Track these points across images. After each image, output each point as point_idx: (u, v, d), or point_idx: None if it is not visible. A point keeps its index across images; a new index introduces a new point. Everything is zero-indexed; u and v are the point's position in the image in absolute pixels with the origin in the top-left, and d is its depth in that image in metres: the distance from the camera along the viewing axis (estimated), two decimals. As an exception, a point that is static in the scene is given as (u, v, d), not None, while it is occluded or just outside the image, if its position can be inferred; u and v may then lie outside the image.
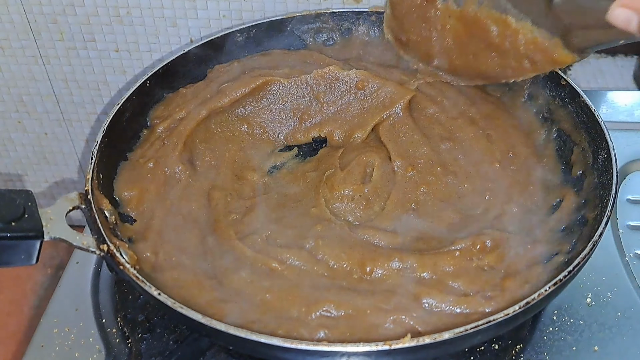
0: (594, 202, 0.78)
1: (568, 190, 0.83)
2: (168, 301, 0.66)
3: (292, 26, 1.04)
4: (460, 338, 0.62)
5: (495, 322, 0.63)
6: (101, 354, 0.80)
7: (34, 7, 1.11)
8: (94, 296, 0.87)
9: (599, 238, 0.70)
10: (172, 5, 1.09)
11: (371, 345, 0.61)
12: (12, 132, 1.30)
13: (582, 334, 0.80)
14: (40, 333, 0.83)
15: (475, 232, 0.79)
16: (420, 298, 0.71)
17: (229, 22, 1.11)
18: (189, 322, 0.65)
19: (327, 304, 0.70)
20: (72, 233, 0.72)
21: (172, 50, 1.15)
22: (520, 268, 0.74)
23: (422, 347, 0.61)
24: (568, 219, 0.80)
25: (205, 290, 0.73)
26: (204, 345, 0.79)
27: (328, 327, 0.68)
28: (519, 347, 0.79)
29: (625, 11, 0.64)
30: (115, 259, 0.71)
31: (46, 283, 1.34)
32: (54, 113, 1.26)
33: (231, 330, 0.62)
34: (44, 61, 1.18)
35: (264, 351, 0.65)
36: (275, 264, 0.76)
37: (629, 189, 0.99)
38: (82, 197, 0.76)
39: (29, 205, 0.70)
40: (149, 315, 0.83)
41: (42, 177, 1.38)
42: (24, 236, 0.69)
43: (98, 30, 1.13)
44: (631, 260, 0.88)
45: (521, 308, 0.64)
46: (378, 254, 0.76)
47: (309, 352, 0.62)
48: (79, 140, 1.31)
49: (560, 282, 0.66)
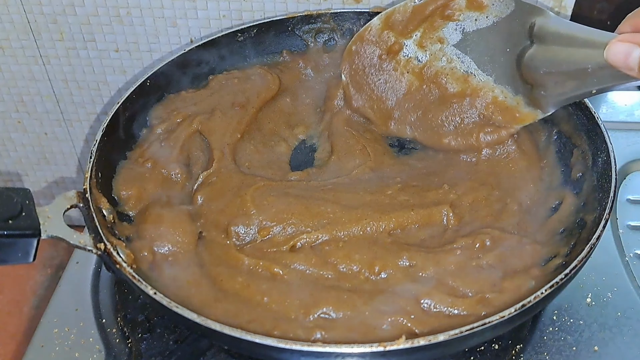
0: (593, 205, 0.77)
1: (567, 192, 0.83)
2: (163, 300, 0.65)
3: (292, 26, 1.04)
4: (456, 340, 0.61)
5: (491, 325, 0.62)
6: (101, 354, 0.80)
7: (34, 7, 1.11)
8: (94, 296, 0.87)
9: (597, 241, 0.70)
10: (172, 5, 1.09)
11: (365, 346, 0.61)
12: (12, 131, 1.30)
13: (582, 334, 0.80)
14: (40, 333, 0.83)
15: (475, 231, 0.79)
16: (419, 299, 0.71)
17: (229, 22, 1.11)
18: (184, 321, 0.65)
19: (326, 305, 0.70)
20: (69, 231, 0.72)
21: (172, 50, 1.15)
22: (518, 269, 0.74)
23: (416, 349, 0.61)
24: (567, 221, 0.79)
25: (202, 289, 0.73)
26: (204, 346, 0.79)
27: (325, 329, 0.68)
28: (519, 347, 0.79)
29: (625, 45, 0.62)
30: (112, 258, 0.71)
31: (46, 283, 1.34)
32: (54, 113, 1.26)
33: (226, 330, 0.62)
34: (44, 61, 1.18)
35: (259, 351, 0.64)
36: (276, 269, 0.75)
37: (629, 189, 0.99)
38: (80, 196, 0.76)
39: (26, 204, 0.70)
40: (149, 315, 0.83)
41: (41, 176, 1.38)
42: (21, 234, 0.69)
43: (98, 31, 1.13)
44: (631, 260, 0.88)
45: (517, 310, 0.63)
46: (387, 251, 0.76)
47: (304, 352, 0.62)
48: (79, 140, 1.31)
49: (557, 284, 0.66)
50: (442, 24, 0.89)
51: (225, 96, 0.96)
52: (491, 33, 0.86)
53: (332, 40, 1.05)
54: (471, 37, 0.88)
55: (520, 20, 0.82)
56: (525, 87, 0.83)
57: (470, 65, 0.87)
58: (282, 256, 0.77)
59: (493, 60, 0.86)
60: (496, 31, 0.85)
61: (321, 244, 0.78)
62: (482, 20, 0.86)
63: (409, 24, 0.90)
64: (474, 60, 0.87)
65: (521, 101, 0.83)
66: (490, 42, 0.86)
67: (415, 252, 0.76)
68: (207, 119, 0.93)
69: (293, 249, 0.78)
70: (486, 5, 0.85)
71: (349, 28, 1.05)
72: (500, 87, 0.85)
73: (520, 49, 0.82)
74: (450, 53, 0.89)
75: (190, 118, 0.93)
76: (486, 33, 0.86)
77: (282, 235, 0.79)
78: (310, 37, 1.05)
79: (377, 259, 0.75)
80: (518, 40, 0.82)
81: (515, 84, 0.84)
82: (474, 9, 0.86)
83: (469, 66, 0.87)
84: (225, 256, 0.77)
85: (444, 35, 0.89)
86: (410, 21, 0.89)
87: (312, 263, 0.75)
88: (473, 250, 0.76)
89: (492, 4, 0.84)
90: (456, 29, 0.88)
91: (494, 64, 0.86)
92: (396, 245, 0.77)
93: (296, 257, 0.76)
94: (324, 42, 1.06)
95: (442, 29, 0.89)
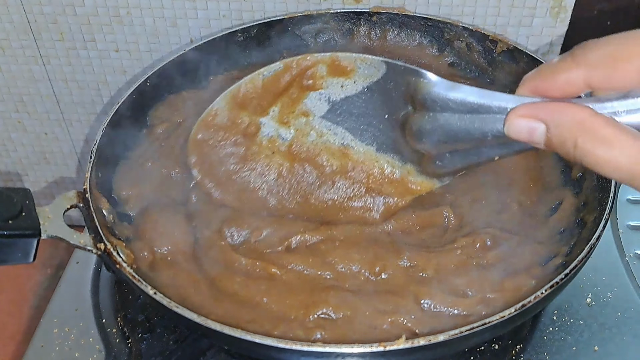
0: (593, 205, 0.77)
1: (567, 192, 0.83)
2: (164, 300, 0.65)
3: (292, 26, 1.04)
4: (456, 340, 0.61)
5: (491, 325, 0.62)
6: (101, 354, 0.80)
7: (34, 7, 1.11)
8: (94, 296, 0.87)
9: (597, 241, 0.70)
10: (172, 5, 1.09)
11: (365, 346, 0.61)
12: (12, 132, 1.30)
13: (582, 334, 0.80)
14: (40, 333, 0.83)
15: (475, 231, 0.79)
16: (419, 299, 0.71)
17: (229, 22, 1.11)
18: (184, 321, 0.65)
19: (326, 306, 0.70)
20: (69, 231, 0.72)
21: (172, 50, 1.15)
22: (518, 269, 0.74)
23: (417, 349, 0.61)
24: (567, 221, 0.79)
25: (202, 289, 0.73)
26: (204, 346, 0.79)
27: (325, 329, 0.68)
28: (519, 347, 0.79)
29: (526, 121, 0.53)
30: (112, 258, 0.71)
31: (46, 283, 1.34)
32: (54, 113, 1.26)
33: (226, 330, 0.62)
34: (44, 61, 1.18)
35: (259, 351, 0.64)
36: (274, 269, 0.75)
37: (629, 188, 0.97)
38: (80, 196, 0.77)
39: (26, 204, 0.70)
40: (149, 315, 0.83)
41: (41, 176, 1.38)
42: (20, 234, 0.69)
43: (98, 31, 1.13)
44: (631, 260, 0.88)
45: (517, 311, 0.63)
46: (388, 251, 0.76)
47: (304, 352, 0.62)
48: (79, 140, 1.31)
49: (557, 284, 0.66)
50: (302, 96, 0.77)
51: None
52: (362, 99, 0.75)
53: (332, 40, 1.05)
54: (340, 106, 0.76)
55: (395, 83, 0.70)
56: (414, 154, 0.73)
57: (345, 137, 0.77)
58: (279, 257, 0.77)
59: (370, 128, 0.76)
60: (368, 97, 0.74)
61: (317, 244, 0.78)
62: (350, 87, 0.75)
63: (261, 100, 0.78)
64: (348, 131, 0.76)
65: (412, 170, 0.75)
66: (363, 109, 0.75)
67: (416, 252, 0.76)
68: None
69: (289, 249, 0.78)
70: (350, 69, 0.74)
71: (349, 28, 1.05)
72: (384, 156, 0.76)
73: (401, 114, 0.71)
74: (319, 126, 0.78)
75: (191, 118, 0.93)
76: (356, 100, 0.75)
77: (275, 236, 0.79)
78: (310, 37, 1.05)
79: (377, 259, 0.75)
80: (397, 105, 0.71)
81: (402, 151, 0.74)
82: (337, 75, 0.75)
83: (344, 137, 0.77)
84: (222, 257, 0.77)
85: (307, 108, 0.78)
86: (262, 97, 0.78)
87: (310, 263, 0.75)
88: (473, 250, 0.76)
89: (357, 67, 0.73)
90: (320, 98, 0.77)
91: (372, 132, 0.76)
92: (396, 245, 0.77)
93: (292, 257, 0.76)
94: (324, 43, 1.06)
95: (304, 100, 0.77)
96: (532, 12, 1.05)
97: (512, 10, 1.05)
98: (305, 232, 0.78)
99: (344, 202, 0.79)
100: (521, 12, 1.05)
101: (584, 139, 0.48)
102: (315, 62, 0.75)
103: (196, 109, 0.94)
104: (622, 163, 0.47)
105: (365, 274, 0.75)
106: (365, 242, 0.78)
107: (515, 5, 1.04)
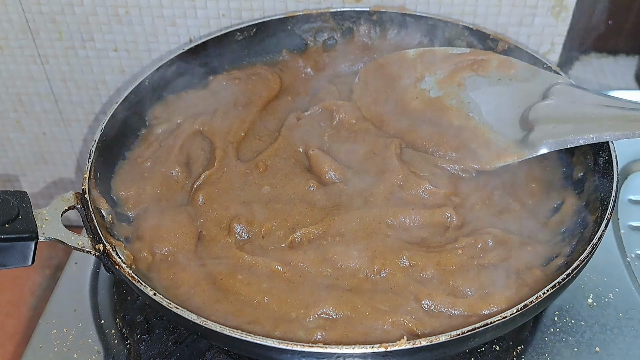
0: (595, 205, 0.77)
1: (569, 192, 0.83)
2: (163, 301, 0.65)
3: (292, 25, 1.04)
4: (458, 340, 0.61)
5: (493, 325, 0.62)
6: (100, 355, 0.80)
7: (33, 6, 1.10)
8: (93, 297, 0.87)
9: (599, 241, 0.70)
10: (171, 4, 1.09)
11: (367, 347, 0.60)
12: (10, 131, 1.30)
13: (584, 335, 0.80)
14: (38, 334, 0.83)
15: (477, 230, 0.78)
16: (420, 299, 0.71)
17: (228, 21, 1.11)
18: (184, 322, 0.65)
19: (326, 305, 0.70)
20: (67, 233, 0.72)
21: (171, 49, 1.15)
22: (520, 269, 0.74)
23: (418, 350, 0.61)
24: (568, 221, 0.79)
25: (202, 290, 0.73)
26: (203, 347, 0.79)
27: (325, 329, 0.68)
28: (520, 348, 0.79)
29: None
30: (111, 259, 0.70)
31: (44, 284, 1.34)
32: (53, 113, 1.26)
33: (226, 331, 0.62)
34: (43, 61, 1.18)
35: (260, 352, 0.64)
36: (277, 266, 0.75)
37: (630, 189, 0.99)
38: (78, 197, 0.76)
39: (23, 207, 0.70)
40: (147, 316, 0.83)
41: (40, 177, 1.38)
42: (18, 237, 0.69)
43: (97, 30, 1.13)
44: (632, 261, 0.88)
45: (519, 311, 0.63)
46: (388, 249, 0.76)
47: (305, 353, 0.61)
48: (78, 140, 1.31)
49: (558, 285, 0.65)
50: (467, 74, 0.93)
51: (227, 97, 0.96)
52: (507, 92, 0.90)
53: (331, 39, 1.05)
54: (489, 90, 0.91)
55: (539, 85, 0.88)
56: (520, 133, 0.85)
57: (476, 111, 0.90)
58: (282, 253, 0.77)
59: (499, 111, 0.89)
60: (512, 91, 0.90)
61: (319, 239, 0.78)
62: (504, 81, 0.91)
63: (438, 65, 0.95)
64: (482, 108, 0.90)
65: (511, 145, 0.85)
66: (503, 98, 0.90)
67: (416, 251, 0.76)
68: (209, 119, 0.93)
69: (293, 243, 0.78)
70: (513, 70, 0.91)
71: (348, 27, 1.05)
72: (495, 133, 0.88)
73: (529, 105, 0.86)
74: (464, 97, 0.92)
75: (191, 118, 0.92)
76: (503, 90, 0.91)
77: (281, 230, 0.79)
78: (309, 36, 1.05)
79: (376, 257, 0.75)
80: (530, 99, 0.87)
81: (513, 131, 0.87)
82: (501, 70, 0.92)
83: (475, 111, 0.90)
84: (226, 254, 0.77)
85: (464, 82, 0.93)
86: (441, 63, 0.95)
87: (311, 259, 0.75)
88: (475, 250, 0.76)
89: (518, 69, 0.91)
90: (477, 80, 0.93)
91: (498, 115, 0.89)
92: (396, 243, 0.77)
93: (295, 254, 0.76)
94: (324, 41, 1.05)
95: (466, 77, 0.93)
96: (533, 11, 1.05)
97: (513, 10, 1.05)
98: (309, 225, 0.79)
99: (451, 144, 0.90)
100: (522, 11, 1.05)
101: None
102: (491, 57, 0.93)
103: (195, 109, 0.94)
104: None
105: (365, 272, 0.74)
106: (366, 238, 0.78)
107: (516, 4, 1.04)
